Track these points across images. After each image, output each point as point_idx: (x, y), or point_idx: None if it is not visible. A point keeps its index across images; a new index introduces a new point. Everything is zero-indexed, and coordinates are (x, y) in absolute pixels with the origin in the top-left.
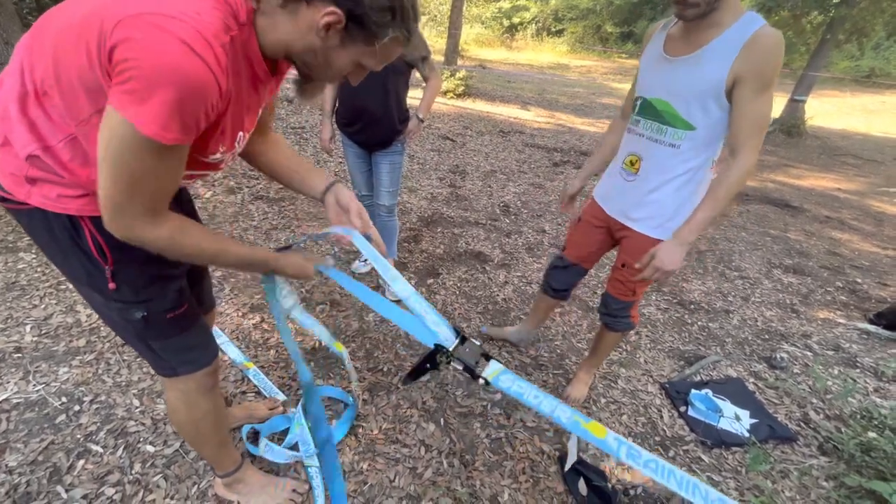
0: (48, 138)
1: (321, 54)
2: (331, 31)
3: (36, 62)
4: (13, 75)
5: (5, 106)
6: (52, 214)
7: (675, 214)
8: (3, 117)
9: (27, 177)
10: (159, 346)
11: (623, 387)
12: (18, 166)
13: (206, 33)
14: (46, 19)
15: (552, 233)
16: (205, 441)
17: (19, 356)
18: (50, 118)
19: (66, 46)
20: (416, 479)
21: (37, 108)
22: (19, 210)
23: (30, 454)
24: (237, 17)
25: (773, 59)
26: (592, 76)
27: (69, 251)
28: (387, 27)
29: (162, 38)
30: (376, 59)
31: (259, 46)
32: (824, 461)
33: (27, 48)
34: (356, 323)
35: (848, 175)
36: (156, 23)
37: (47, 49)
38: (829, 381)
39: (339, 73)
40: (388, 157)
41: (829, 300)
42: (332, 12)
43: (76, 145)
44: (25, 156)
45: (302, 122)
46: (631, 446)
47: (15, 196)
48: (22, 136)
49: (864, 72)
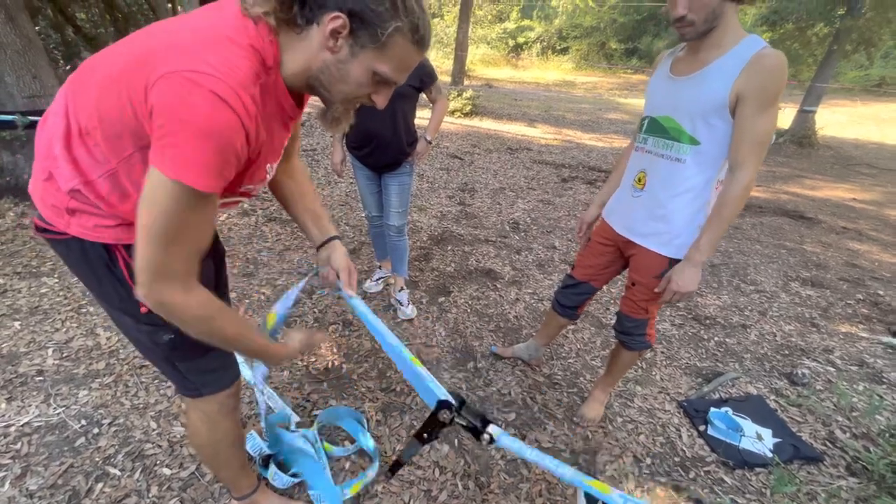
0: (89, 173)
1: (335, 68)
2: (339, 41)
3: (80, 105)
4: (57, 115)
5: (49, 143)
6: (88, 243)
7: (683, 231)
8: (47, 154)
9: (67, 208)
10: (185, 367)
11: (640, 405)
12: (60, 199)
13: (236, 86)
14: (89, 65)
15: (562, 249)
16: (223, 463)
17: (41, 379)
18: (92, 155)
19: (108, 94)
20: (430, 502)
21: (80, 146)
22: (57, 239)
23: (50, 478)
24: (265, 63)
25: (775, 78)
26: (598, 92)
27: (104, 277)
28: (388, 19)
29: (196, 93)
30: (389, 64)
31: (285, 83)
32: (853, 482)
33: (71, 91)
34: (368, 343)
35: (863, 185)
36: (191, 79)
37: (91, 93)
38: (854, 397)
39: (358, 87)
40: (397, 179)
41: (851, 313)
42: (336, 17)
43: (116, 180)
44: (68, 189)
45: (314, 144)
46: (637, 502)
47: (55, 226)
48: (66, 171)
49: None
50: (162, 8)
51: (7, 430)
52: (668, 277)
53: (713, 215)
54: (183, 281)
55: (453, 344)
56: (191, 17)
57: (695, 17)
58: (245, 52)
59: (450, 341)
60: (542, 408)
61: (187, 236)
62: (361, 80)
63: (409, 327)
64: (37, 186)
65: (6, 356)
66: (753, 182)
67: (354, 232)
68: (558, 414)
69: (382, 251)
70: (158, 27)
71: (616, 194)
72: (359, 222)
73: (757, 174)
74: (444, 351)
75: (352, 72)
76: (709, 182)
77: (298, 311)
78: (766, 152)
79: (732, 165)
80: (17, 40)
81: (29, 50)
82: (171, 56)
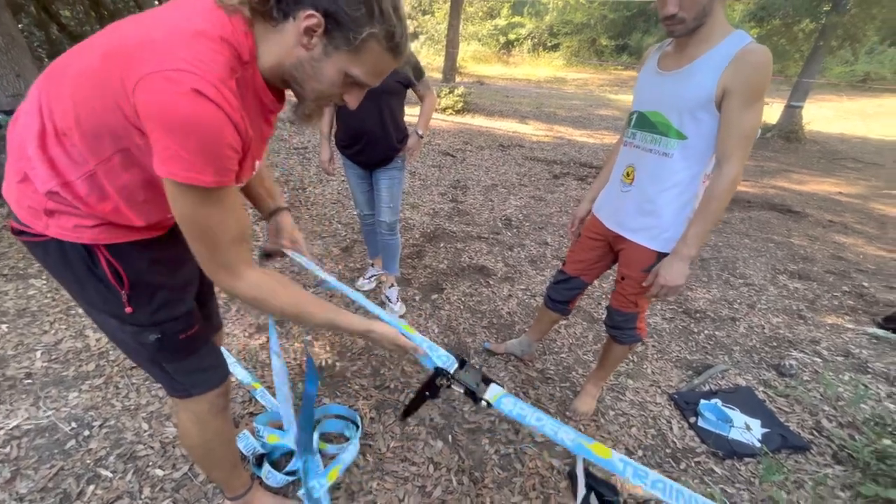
0: (67, 174)
1: (308, 65)
2: (314, 39)
3: (54, 104)
4: (30, 114)
5: (22, 143)
6: (68, 244)
7: (671, 225)
8: (20, 155)
9: (45, 209)
10: (172, 367)
11: (631, 398)
12: (37, 200)
13: (214, 80)
14: (62, 63)
15: (554, 245)
16: (216, 463)
17: (30, 382)
18: (70, 156)
19: (84, 92)
20: (425, 497)
21: (56, 146)
22: (35, 242)
23: (40, 480)
24: (241, 57)
25: (760, 74)
26: (589, 88)
27: (85, 279)
28: (363, 24)
29: (177, 92)
30: (362, 68)
31: (263, 78)
32: (839, 470)
33: (45, 89)
34: (361, 341)
35: (849, 178)
36: (170, 78)
37: (65, 92)
38: (840, 387)
39: (330, 86)
40: (388, 173)
41: (837, 305)
42: (311, 15)
43: (94, 181)
44: (45, 191)
45: (304, 142)
46: (637, 467)
47: (32, 228)
48: (42, 173)
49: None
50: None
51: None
52: (655, 271)
53: (700, 209)
54: (234, 269)
55: (447, 340)
56: (162, 10)
57: (685, 15)
58: (217, 45)
59: (443, 338)
60: (535, 402)
61: (221, 230)
62: (334, 79)
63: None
64: (11, 188)
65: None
66: (740, 176)
67: (347, 230)
68: (551, 408)
69: (375, 249)
70: (129, 22)
71: (606, 189)
72: (351, 220)
73: (743, 168)
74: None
75: (325, 70)
76: (696, 176)
77: None
78: (751, 146)
79: (719, 159)
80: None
81: (12, 48)
82: (146, 55)
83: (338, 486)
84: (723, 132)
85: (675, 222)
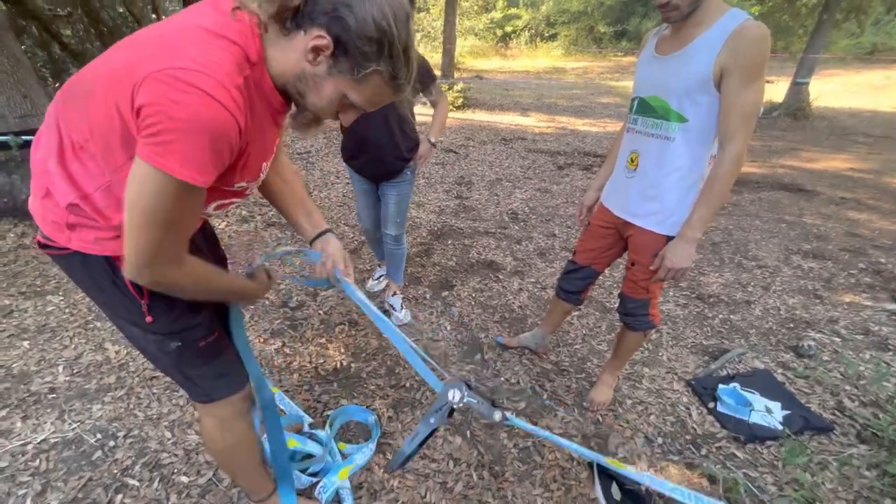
0: (85, 187)
1: (310, 79)
2: (320, 57)
3: (70, 119)
4: (49, 133)
5: (44, 159)
6: (90, 257)
7: (677, 209)
8: (42, 171)
9: (67, 223)
10: (194, 373)
11: (648, 386)
12: (59, 214)
13: (222, 79)
14: (77, 78)
15: (562, 236)
16: (240, 467)
17: (54, 396)
18: (87, 169)
19: (96, 103)
20: (447, 493)
21: (74, 160)
22: (60, 255)
23: (70, 492)
24: (249, 57)
25: (758, 50)
26: (590, 77)
27: (108, 289)
28: (370, 60)
29: (183, 89)
30: (361, 96)
31: (272, 80)
32: (864, 449)
33: (61, 106)
34: (375, 341)
35: (860, 154)
36: (175, 76)
37: (80, 105)
38: (861, 366)
39: (328, 103)
40: (396, 188)
41: (854, 283)
42: (321, 36)
43: (111, 192)
44: (66, 205)
45: (308, 146)
46: (653, 478)
47: (56, 242)
48: (62, 187)
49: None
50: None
51: (24, 447)
52: (661, 255)
53: (704, 191)
54: (177, 259)
55: (459, 337)
56: (172, 18)
57: (679, 2)
58: (225, 44)
59: (456, 335)
60: (552, 395)
61: (182, 224)
62: (332, 98)
63: (414, 323)
64: (36, 204)
65: (18, 375)
66: (744, 155)
67: (354, 232)
68: (568, 400)
69: (381, 253)
70: (141, 34)
71: (612, 177)
72: (357, 223)
73: (746, 148)
74: (450, 345)
75: (325, 88)
76: (700, 159)
77: (304, 313)
78: (754, 125)
79: (722, 140)
80: (4, 61)
81: (17, 70)
82: (154, 56)
83: (360, 485)
84: (723, 112)
85: (679, 206)
